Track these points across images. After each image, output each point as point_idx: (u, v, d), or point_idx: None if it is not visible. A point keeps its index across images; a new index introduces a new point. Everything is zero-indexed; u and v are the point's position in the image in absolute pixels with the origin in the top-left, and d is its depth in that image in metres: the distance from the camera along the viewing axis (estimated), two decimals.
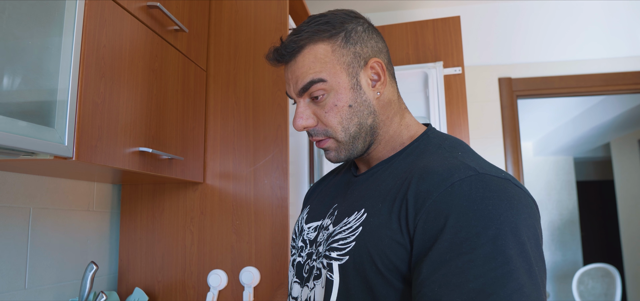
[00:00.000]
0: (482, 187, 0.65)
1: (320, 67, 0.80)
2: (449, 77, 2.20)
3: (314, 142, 0.86)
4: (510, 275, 0.58)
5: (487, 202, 0.63)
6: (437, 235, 0.63)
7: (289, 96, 0.86)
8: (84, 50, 1.02)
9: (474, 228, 0.61)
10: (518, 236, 0.61)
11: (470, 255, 0.60)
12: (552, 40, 2.79)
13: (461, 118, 2.19)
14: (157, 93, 1.35)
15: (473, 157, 0.75)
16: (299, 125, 0.83)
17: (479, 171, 0.67)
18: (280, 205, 1.55)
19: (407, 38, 2.31)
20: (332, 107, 0.81)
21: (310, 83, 0.80)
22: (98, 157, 1.07)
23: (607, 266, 4.38)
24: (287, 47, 0.81)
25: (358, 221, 0.75)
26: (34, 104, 0.88)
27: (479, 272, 0.58)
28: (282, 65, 0.85)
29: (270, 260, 1.53)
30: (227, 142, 1.61)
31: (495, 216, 0.62)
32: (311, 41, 0.81)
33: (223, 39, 1.67)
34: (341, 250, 0.75)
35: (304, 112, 0.83)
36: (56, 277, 1.39)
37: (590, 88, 2.76)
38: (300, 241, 0.92)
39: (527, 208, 0.66)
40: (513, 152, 2.72)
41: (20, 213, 1.27)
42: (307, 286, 0.83)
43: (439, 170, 0.69)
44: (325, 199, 0.94)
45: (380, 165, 0.84)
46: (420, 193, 0.68)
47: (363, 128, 0.82)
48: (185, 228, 1.61)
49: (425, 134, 0.85)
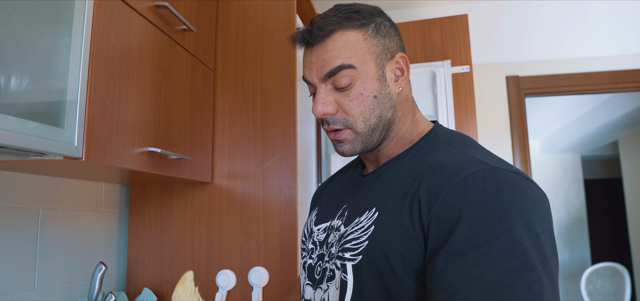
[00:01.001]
0: (495, 179, 0.65)
1: (350, 53, 0.78)
2: (456, 75, 2.19)
3: (329, 132, 0.83)
4: (528, 266, 0.57)
5: (501, 194, 0.63)
6: (452, 228, 0.63)
7: (308, 81, 0.83)
8: (93, 50, 1.02)
9: (490, 220, 0.61)
10: (532, 228, 0.61)
11: (487, 247, 0.59)
12: (560, 38, 2.77)
13: (469, 116, 2.17)
14: (166, 93, 1.35)
15: (483, 151, 0.75)
16: (320, 110, 0.80)
17: (490, 165, 0.67)
18: (289, 204, 1.54)
19: (415, 36, 2.30)
20: (357, 96, 0.79)
21: (339, 69, 0.78)
22: (107, 158, 1.07)
23: (616, 265, 4.34)
24: (320, 28, 0.79)
25: (370, 220, 0.75)
26: (43, 105, 0.88)
27: (496, 264, 0.58)
28: (304, 47, 0.83)
29: (279, 260, 1.53)
30: (235, 141, 1.61)
31: (510, 208, 0.62)
32: (342, 27, 0.79)
33: (231, 38, 1.67)
34: (354, 250, 0.74)
35: (326, 98, 0.80)
36: (65, 277, 1.39)
37: (598, 86, 2.74)
38: (310, 244, 0.91)
39: (540, 201, 0.65)
40: (521, 151, 2.70)
41: (30, 213, 1.28)
42: (320, 288, 0.82)
43: (451, 165, 0.69)
44: (333, 200, 0.93)
45: (389, 164, 0.83)
46: (433, 187, 0.68)
47: (382, 121, 0.81)
48: (194, 228, 1.60)
49: (433, 131, 0.85)
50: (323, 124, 0.83)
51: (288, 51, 1.61)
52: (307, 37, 0.81)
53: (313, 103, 0.81)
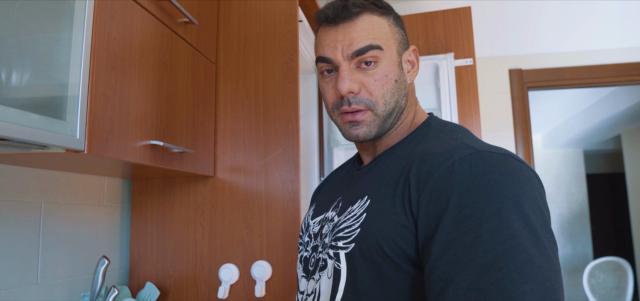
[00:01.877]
0: (482, 163, 0.65)
1: (378, 34, 0.80)
2: (460, 68, 2.18)
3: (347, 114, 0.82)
4: (518, 247, 0.57)
5: (488, 176, 0.63)
6: (441, 215, 0.63)
7: (327, 60, 0.82)
8: (95, 43, 1.01)
9: (478, 203, 0.61)
10: (522, 209, 0.61)
11: (477, 231, 0.59)
12: (564, 31, 2.75)
13: (472, 110, 2.16)
14: (168, 86, 1.34)
15: (473, 138, 0.76)
16: (346, 87, 0.79)
17: (478, 149, 0.68)
18: (291, 198, 1.54)
19: (418, 29, 2.28)
20: (382, 77, 0.80)
21: (369, 48, 0.79)
22: (109, 150, 1.06)
23: (619, 259, 4.34)
24: (348, 8, 0.80)
25: (362, 208, 0.75)
26: (45, 97, 0.87)
27: (487, 247, 0.58)
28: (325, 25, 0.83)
29: (282, 254, 1.52)
30: (238, 135, 1.60)
31: (498, 190, 0.62)
32: (369, 10, 0.81)
33: (233, 31, 1.66)
34: (347, 238, 0.75)
35: (351, 76, 0.80)
36: (68, 272, 1.39)
37: (602, 79, 2.72)
38: (306, 237, 0.92)
39: (530, 181, 0.65)
40: (524, 144, 2.69)
41: (32, 207, 1.27)
42: (313, 279, 0.83)
43: (439, 152, 0.70)
44: (330, 194, 0.95)
45: (384, 154, 0.85)
46: (422, 175, 0.68)
47: (397, 107, 0.83)
48: (196, 222, 1.60)
49: (427, 121, 0.87)
50: (342, 105, 0.81)
51: (290, 44, 1.60)
52: (338, 13, 0.81)
53: (337, 80, 0.80)
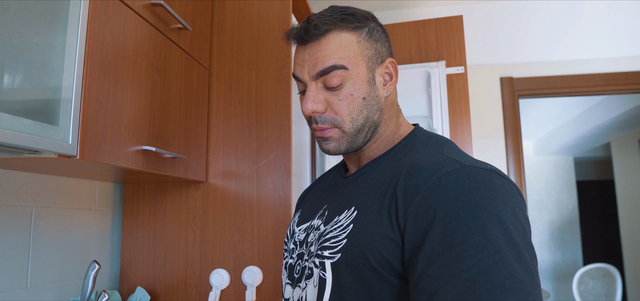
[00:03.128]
0: (468, 178, 0.66)
1: (344, 54, 0.79)
2: (451, 76, 2.20)
3: (316, 130, 0.84)
4: (501, 263, 0.59)
5: (474, 192, 0.64)
6: (427, 229, 0.64)
7: (298, 78, 0.83)
8: (88, 48, 1.01)
9: (464, 218, 0.62)
10: (505, 225, 0.62)
11: (462, 246, 0.60)
12: (554, 40, 2.79)
13: (464, 117, 2.18)
14: (161, 91, 1.35)
15: (459, 152, 0.77)
16: (309, 108, 0.80)
17: (464, 164, 0.69)
18: (282, 204, 1.54)
19: (410, 37, 2.30)
20: (347, 96, 0.80)
21: (332, 68, 0.79)
22: (102, 156, 1.06)
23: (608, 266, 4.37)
24: (316, 26, 0.79)
25: (349, 219, 0.76)
26: (38, 102, 0.87)
27: (472, 262, 0.59)
28: (297, 44, 0.84)
29: (273, 259, 1.53)
30: (230, 140, 1.61)
31: (483, 206, 0.63)
32: (337, 27, 0.80)
33: (226, 37, 1.66)
34: (333, 248, 0.75)
35: (316, 96, 0.81)
36: (58, 276, 1.38)
37: (592, 88, 2.76)
38: (291, 244, 0.92)
39: (513, 198, 0.67)
40: (515, 152, 2.72)
41: (23, 211, 1.27)
42: (299, 287, 0.83)
43: (426, 165, 0.70)
44: (315, 202, 0.95)
45: (370, 165, 0.85)
46: (409, 188, 0.69)
47: (368, 123, 0.83)
48: (188, 227, 1.60)
49: (413, 133, 0.87)
50: (311, 123, 0.84)
51: (283, 50, 1.61)
52: (302, 34, 0.81)
53: (302, 101, 0.82)
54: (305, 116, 0.84)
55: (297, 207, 1.07)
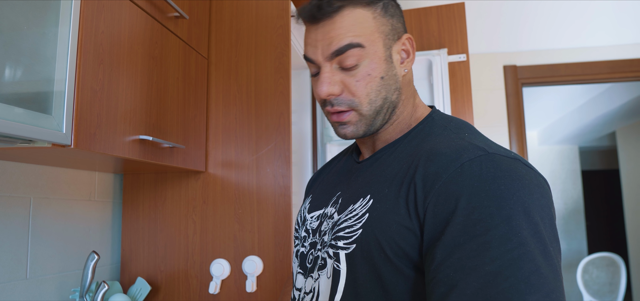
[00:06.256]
0: (492, 166, 0.63)
1: (359, 31, 0.74)
2: (453, 64, 2.17)
3: (332, 114, 0.79)
4: (526, 257, 0.56)
5: (498, 181, 0.61)
6: (448, 218, 0.61)
7: (310, 60, 0.78)
8: (82, 37, 1.00)
9: (487, 208, 0.59)
10: (531, 216, 0.59)
11: (485, 237, 0.57)
12: (558, 28, 2.75)
13: (466, 106, 2.16)
14: (158, 80, 1.33)
15: (480, 137, 0.73)
16: (324, 91, 0.76)
17: (488, 151, 0.65)
18: (283, 193, 1.54)
19: (411, 24, 2.28)
20: (365, 76, 0.75)
21: (348, 47, 0.74)
22: (97, 145, 1.05)
23: (612, 255, 4.35)
24: (328, 3, 0.74)
25: (364, 208, 0.73)
26: (31, 91, 0.86)
27: (495, 254, 0.56)
28: (309, 24, 0.79)
29: (273, 249, 1.52)
30: (229, 130, 1.60)
31: (508, 196, 0.60)
32: (351, 3, 0.75)
33: (224, 26, 1.65)
34: (348, 238, 0.72)
35: (331, 78, 0.76)
36: (58, 267, 1.38)
37: (596, 76, 2.73)
38: (303, 231, 0.89)
39: (539, 188, 0.63)
40: (518, 141, 2.70)
41: (21, 202, 1.26)
42: (311, 277, 0.80)
43: (447, 152, 0.67)
44: (327, 187, 0.91)
45: (385, 150, 0.81)
46: (429, 175, 0.66)
47: (386, 103, 0.78)
48: (188, 217, 1.60)
49: (430, 116, 0.82)
50: (325, 106, 0.79)
51: (282, 39, 1.59)
52: (314, 12, 0.76)
53: (316, 83, 0.78)
54: (319, 99, 0.79)
55: (307, 192, 1.03)
